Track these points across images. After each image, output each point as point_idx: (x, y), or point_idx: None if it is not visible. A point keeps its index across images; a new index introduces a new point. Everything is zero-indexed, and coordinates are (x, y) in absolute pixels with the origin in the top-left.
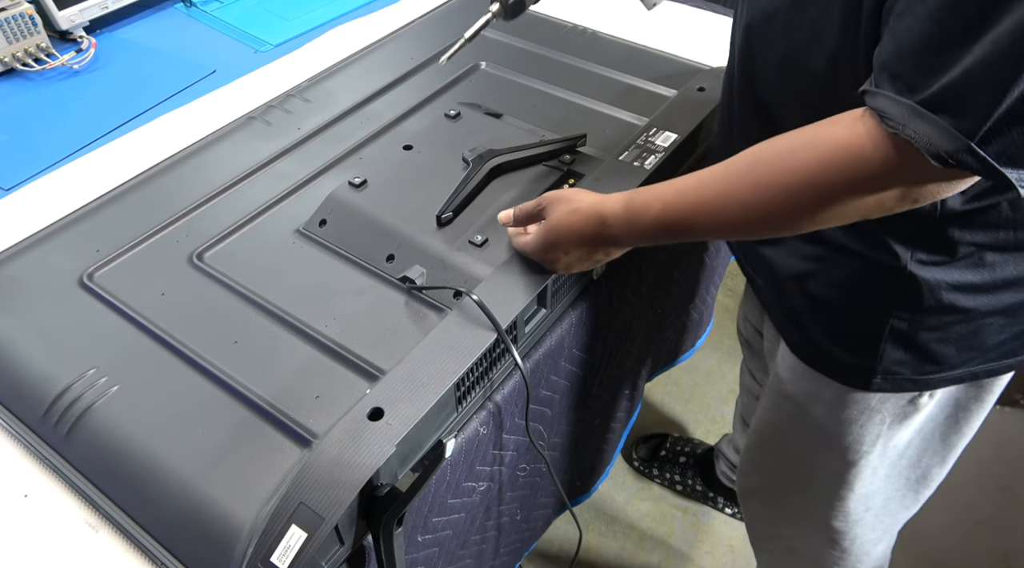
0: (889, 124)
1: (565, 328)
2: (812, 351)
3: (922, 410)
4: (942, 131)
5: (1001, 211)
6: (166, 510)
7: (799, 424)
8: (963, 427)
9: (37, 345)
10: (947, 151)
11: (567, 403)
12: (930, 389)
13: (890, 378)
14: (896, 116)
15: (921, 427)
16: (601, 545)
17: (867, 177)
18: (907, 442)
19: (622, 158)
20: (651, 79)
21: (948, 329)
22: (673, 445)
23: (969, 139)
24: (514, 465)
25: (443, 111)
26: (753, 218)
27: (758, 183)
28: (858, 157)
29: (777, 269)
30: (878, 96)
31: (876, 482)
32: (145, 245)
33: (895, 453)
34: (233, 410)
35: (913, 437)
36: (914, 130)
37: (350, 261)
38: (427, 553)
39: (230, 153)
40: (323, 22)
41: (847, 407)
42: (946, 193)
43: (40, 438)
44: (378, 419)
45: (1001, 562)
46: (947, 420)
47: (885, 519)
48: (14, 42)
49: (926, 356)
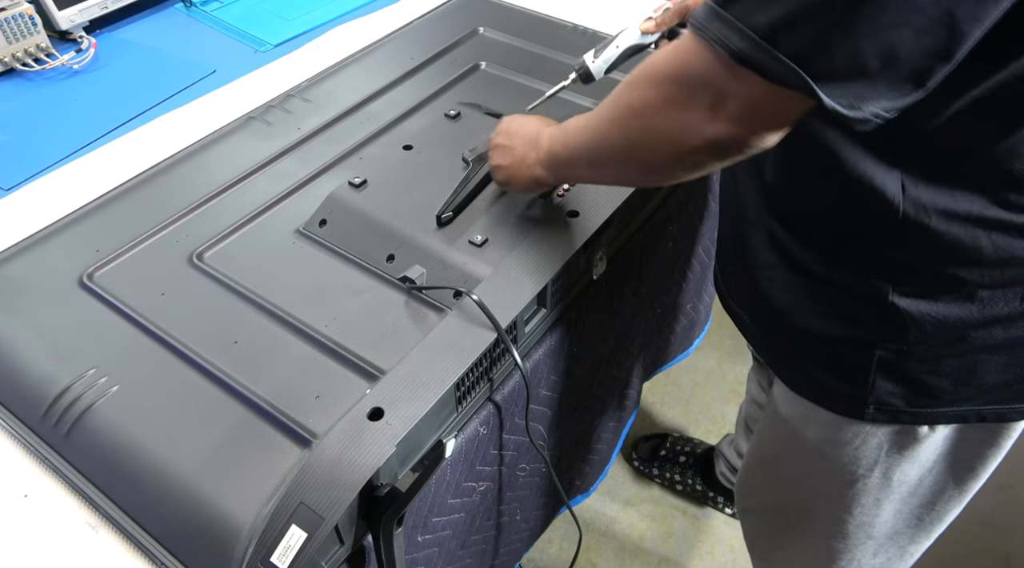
0: (695, 26)
1: (565, 328)
2: (805, 382)
3: (924, 442)
4: (734, 28)
5: (982, 247)
6: (166, 510)
7: (795, 445)
8: (979, 470)
9: (37, 345)
10: (739, 48)
11: (567, 403)
12: (928, 423)
13: (884, 409)
14: (701, 19)
15: (932, 466)
16: (601, 545)
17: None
18: (918, 481)
19: None
20: None
21: (939, 362)
22: (673, 445)
23: (757, 35)
24: (514, 465)
25: (443, 111)
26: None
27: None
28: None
29: (765, 303)
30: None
31: (882, 514)
32: (145, 245)
33: (904, 490)
34: (233, 410)
35: (924, 476)
36: (714, 31)
37: (350, 261)
38: (427, 553)
39: (230, 153)
40: (323, 22)
41: (841, 429)
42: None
43: (40, 438)
44: (378, 419)
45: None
46: (960, 463)
47: (891, 549)
48: (14, 42)
49: (919, 389)
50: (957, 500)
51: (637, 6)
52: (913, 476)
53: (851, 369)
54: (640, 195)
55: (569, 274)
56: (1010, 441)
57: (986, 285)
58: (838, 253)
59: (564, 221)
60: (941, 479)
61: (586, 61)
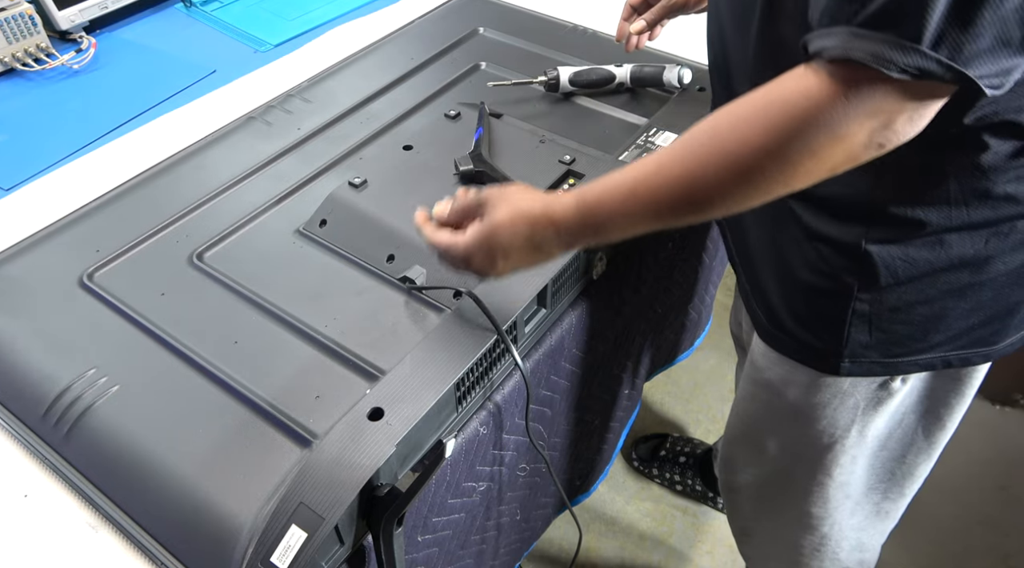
0: (831, 54)
1: (565, 328)
2: (782, 338)
3: (896, 395)
4: (889, 44)
5: (949, 187)
6: (166, 510)
7: (774, 410)
8: (946, 421)
9: (37, 345)
10: (902, 62)
11: (567, 403)
12: (900, 373)
13: (858, 362)
14: (837, 45)
15: (901, 419)
16: (601, 545)
17: (826, 120)
18: (887, 433)
19: (622, 158)
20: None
21: (910, 311)
22: (673, 445)
23: (923, 45)
24: (514, 465)
25: (443, 111)
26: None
27: (725, 155)
28: (814, 102)
29: (754, 255)
30: (814, 38)
31: (856, 470)
32: (145, 245)
33: (876, 443)
34: (233, 410)
35: (894, 429)
36: (861, 52)
37: (350, 261)
38: (427, 553)
39: (230, 153)
40: (323, 22)
41: (820, 390)
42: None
43: (40, 438)
44: (378, 419)
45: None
46: (928, 414)
47: (867, 506)
48: (14, 42)
49: (891, 339)
50: (926, 452)
51: None
52: (884, 429)
53: (827, 322)
54: None
55: (569, 274)
56: (972, 388)
57: (953, 228)
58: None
59: None
60: (911, 431)
61: (560, 73)
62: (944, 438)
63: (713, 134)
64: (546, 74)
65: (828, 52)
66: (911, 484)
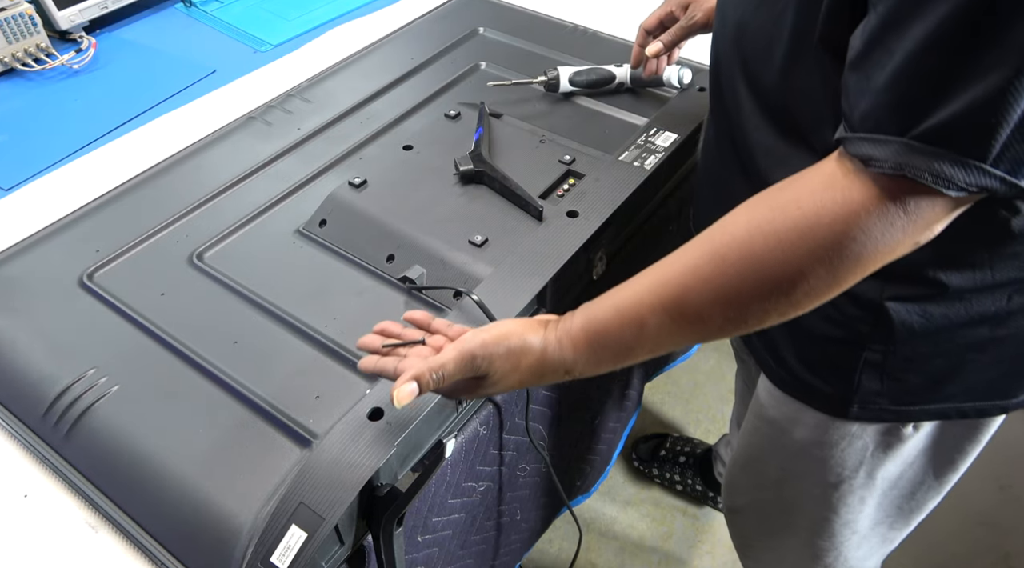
0: (877, 166)
1: None
2: (790, 380)
3: (907, 441)
4: (950, 161)
5: (976, 251)
6: (166, 510)
7: (780, 447)
8: (959, 465)
9: (37, 345)
10: (963, 180)
11: (567, 403)
12: (912, 421)
13: (868, 407)
14: (889, 159)
15: (912, 461)
16: (601, 545)
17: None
18: (898, 475)
19: (622, 158)
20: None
21: (925, 362)
22: (673, 445)
23: (982, 162)
24: (514, 465)
25: (443, 111)
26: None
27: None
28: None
29: None
30: (858, 144)
31: (864, 509)
32: (145, 245)
33: (885, 484)
34: (233, 410)
35: (904, 471)
36: (918, 169)
37: (350, 261)
38: (427, 553)
39: (230, 153)
40: (323, 22)
41: (827, 431)
42: (946, 222)
43: (40, 438)
44: (378, 419)
45: (1001, 562)
46: (940, 458)
47: (873, 539)
48: (14, 42)
49: (904, 387)
50: (936, 490)
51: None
52: (895, 472)
53: (837, 369)
54: (640, 195)
55: (569, 274)
56: (988, 435)
57: (976, 288)
58: None
59: (564, 221)
60: (921, 472)
61: (560, 73)
62: (954, 478)
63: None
64: (546, 74)
65: (877, 164)
66: (918, 516)
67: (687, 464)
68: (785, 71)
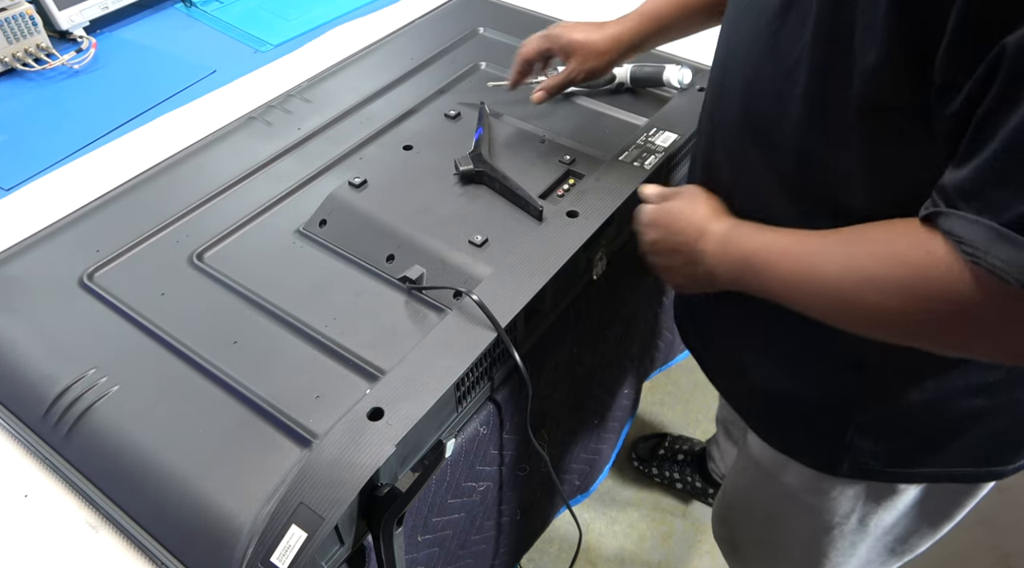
0: (966, 250)
1: (565, 328)
2: (779, 437)
3: (901, 494)
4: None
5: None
6: (166, 510)
7: (770, 490)
8: (954, 516)
9: (37, 345)
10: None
11: (567, 403)
12: (904, 482)
13: (858, 467)
14: (975, 240)
15: (907, 512)
16: (601, 545)
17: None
18: (893, 523)
19: (622, 158)
20: None
21: (920, 428)
22: (672, 444)
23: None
24: (514, 465)
25: (443, 111)
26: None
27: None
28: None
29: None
30: (951, 217)
31: (856, 553)
32: (145, 245)
33: (879, 531)
34: (233, 410)
35: (899, 520)
36: (998, 258)
37: (350, 261)
38: (427, 553)
39: (230, 153)
40: (323, 22)
41: (818, 480)
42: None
43: (40, 438)
44: (378, 419)
45: (1001, 562)
46: (937, 510)
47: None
48: (14, 42)
49: (897, 448)
50: (930, 536)
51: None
52: (888, 520)
53: (828, 430)
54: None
55: (569, 274)
56: (985, 489)
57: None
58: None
59: (564, 221)
60: (916, 521)
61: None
62: (949, 525)
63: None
64: (546, 74)
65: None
66: (910, 555)
67: (686, 462)
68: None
